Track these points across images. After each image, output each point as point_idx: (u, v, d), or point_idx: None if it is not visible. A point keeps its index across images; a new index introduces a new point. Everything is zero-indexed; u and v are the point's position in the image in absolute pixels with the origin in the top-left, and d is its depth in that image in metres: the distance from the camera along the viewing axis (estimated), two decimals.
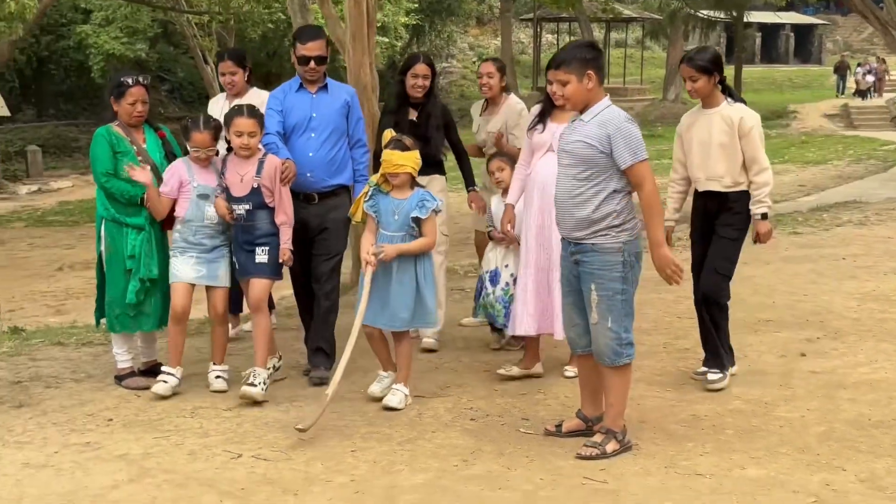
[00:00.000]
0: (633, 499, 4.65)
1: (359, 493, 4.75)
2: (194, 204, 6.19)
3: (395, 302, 5.84)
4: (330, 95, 6.57)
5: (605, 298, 5.10)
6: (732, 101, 6.14)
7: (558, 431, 5.47)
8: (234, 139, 6.13)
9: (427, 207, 5.83)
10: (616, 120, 5.04)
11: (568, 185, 5.14)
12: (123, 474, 4.98)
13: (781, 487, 4.76)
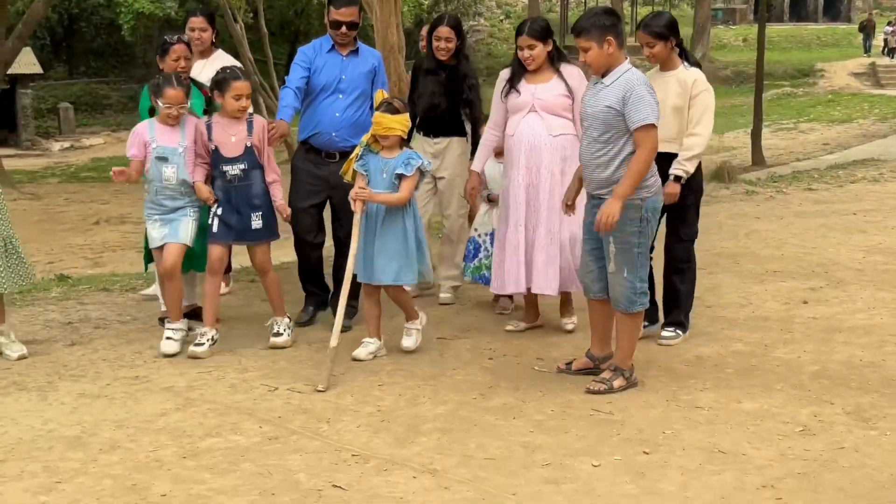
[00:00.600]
0: (636, 427, 5.08)
1: (385, 421, 5.20)
2: (154, 165, 6.27)
3: (380, 258, 6.09)
4: (360, 59, 6.79)
5: (622, 251, 5.49)
6: (689, 65, 6.30)
7: (568, 369, 5.89)
8: (233, 103, 6.23)
9: (412, 165, 6.03)
10: (635, 82, 5.37)
11: (591, 148, 5.51)
12: (171, 403, 5.45)
13: (773, 419, 5.18)
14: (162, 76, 6.39)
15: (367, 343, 6.25)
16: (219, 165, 6.31)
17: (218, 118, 6.37)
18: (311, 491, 4.39)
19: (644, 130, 5.35)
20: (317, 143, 6.74)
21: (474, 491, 4.39)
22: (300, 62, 6.75)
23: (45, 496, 4.35)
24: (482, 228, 7.17)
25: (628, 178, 5.36)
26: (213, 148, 6.31)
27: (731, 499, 4.29)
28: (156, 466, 4.65)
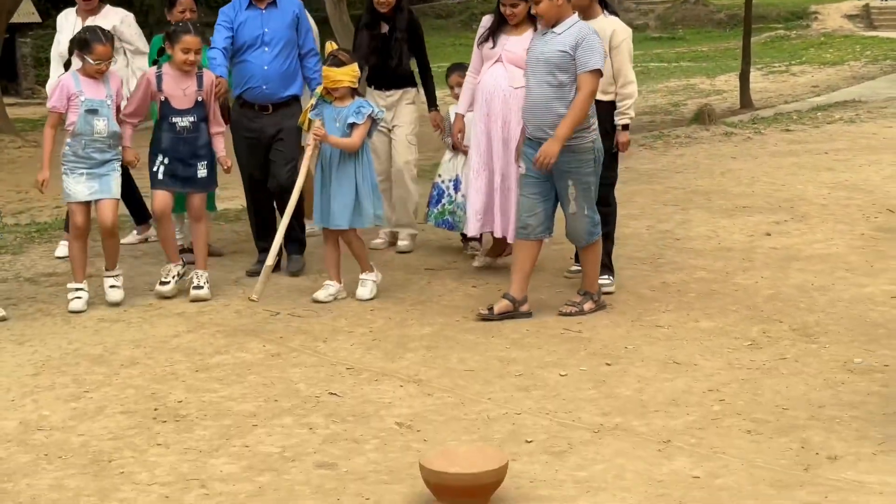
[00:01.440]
0: (601, 343, 5.66)
1: (376, 340, 5.78)
2: (83, 118, 6.26)
3: (335, 203, 6.38)
4: (279, 10, 6.90)
5: (581, 190, 5.95)
6: (608, 13, 6.52)
7: (491, 313, 6.07)
8: (181, 55, 6.40)
9: (362, 113, 6.33)
10: (586, 31, 5.85)
11: (542, 92, 5.87)
12: (182, 327, 6.02)
13: (725, 335, 5.75)
14: (180, 25, 6.63)
15: (328, 286, 6.50)
16: (168, 116, 6.49)
17: (168, 69, 6.55)
18: (309, 398, 4.97)
19: (590, 75, 5.79)
20: (249, 98, 6.89)
21: (454, 397, 4.97)
22: (222, 23, 6.86)
23: (76, 403, 4.93)
24: (446, 175, 7.36)
25: (569, 121, 5.76)
26: (164, 99, 6.49)
27: (680, 401, 4.87)
28: (172, 378, 5.23)
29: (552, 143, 5.79)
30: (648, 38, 35.35)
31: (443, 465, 3.88)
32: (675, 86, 23.48)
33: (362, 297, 6.49)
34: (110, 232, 6.43)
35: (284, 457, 4.35)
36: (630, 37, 6.51)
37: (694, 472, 4.15)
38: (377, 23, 7.44)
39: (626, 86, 6.46)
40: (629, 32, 6.51)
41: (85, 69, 6.32)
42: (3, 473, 4.22)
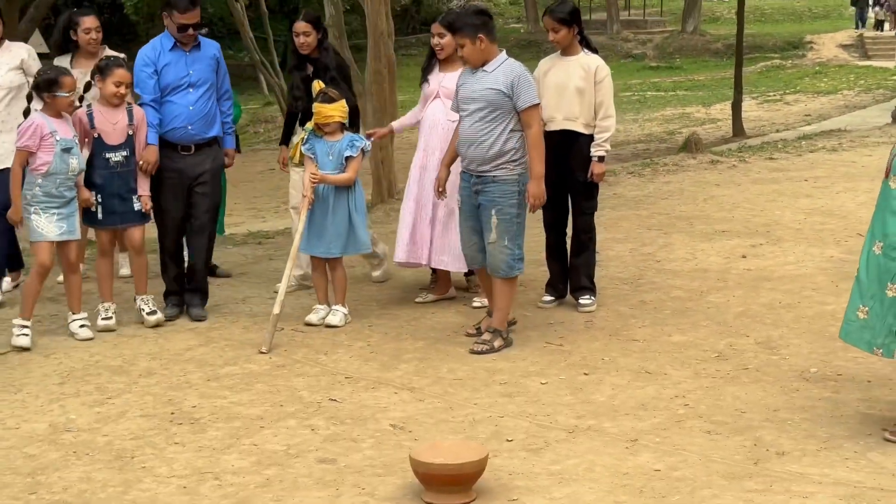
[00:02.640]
0: (580, 355, 6.16)
1: (373, 353, 6.28)
2: (59, 157, 6.31)
3: (330, 232, 6.71)
4: (202, 52, 6.99)
5: (503, 221, 6.15)
6: (589, 51, 6.92)
7: (478, 332, 6.46)
8: (112, 88, 6.50)
9: (356, 146, 6.75)
10: (519, 69, 6.14)
11: (474, 128, 6.14)
12: (195, 341, 6.53)
13: (695, 348, 6.25)
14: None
15: (318, 309, 6.85)
16: (101, 153, 6.58)
17: (98, 106, 6.66)
18: (312, 403, 5.47)
19: (532, 110, 6.12)
20: (173, 138, 6.87)
21: (443, 402, 5.47)
22: (144, 68, 6.84)
23: (99, 408, 5.43)
24: None
25: (536, 156, 6.11)
26: (97, 136, 6.57)
27: (649, 405, 5.37)
28: (186, 386, 5.73)
29: (535, 184, 6.12)
30: (646, 68, 35.97)
31: (429, 457, 4.37)
32: (670, 114, 24.05)
33: (332, 324, 6.75)
34: (75, 269, 6.59)
35: (289, 453, 4.84)
36: (610, 74, 6.94)
37: (656, 466, 4.64)
38: (303, 65, 7.49)
39: (606, 119, 6.89)
40: (609, 70, 6.95)
41: (56, 105, 6.36)
42: (37, 468, 4.72)
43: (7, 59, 7.25)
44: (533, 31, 37.37)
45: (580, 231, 7.12)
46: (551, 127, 6.86)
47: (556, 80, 6.91)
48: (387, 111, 10.51)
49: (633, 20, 42.29)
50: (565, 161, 6.89)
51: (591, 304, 7.05)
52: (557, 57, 7.02)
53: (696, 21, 39.66)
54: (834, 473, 4.53)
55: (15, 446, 4.96)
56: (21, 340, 6.38)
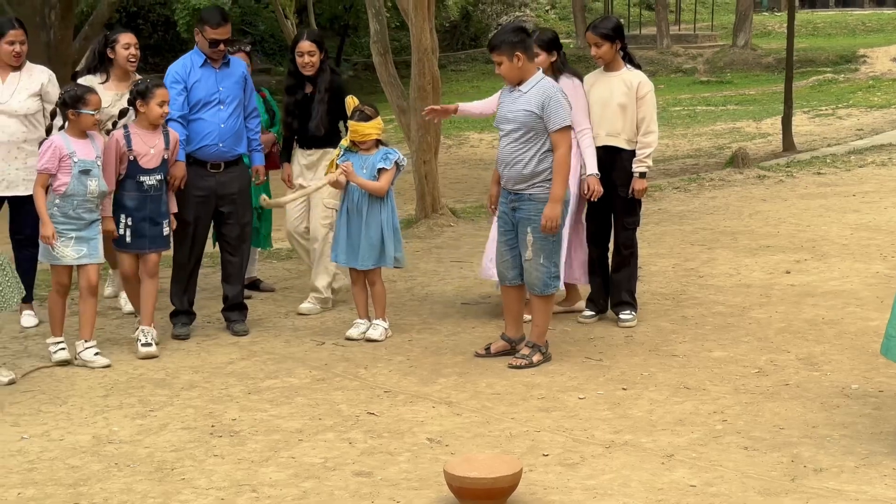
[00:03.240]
0: (619, 370, 6.16)
1: (412, 367, 6.32)
2: (76, 179, 6.23)
3: (363, 245, 6.75)
4: (231, 69, 7.05)
5: (538, 239, 6.16)
6: (632, 66, 6.96)
7: (487, 353, 6.45)
8: (157, 109, 6.49)
9: (390, 159, 6.78)
10: (552, 90, 6.14)
11: (511, 148, 6.18)
12: (236, 354, 6.61)
13: (735, 363, 6.23)
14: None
15: (358, 324, 6.89)
16: (135, 176, 6.53)
17: (135, 128, 6.58)
18: (350, 416, 5.52)
19: (562, 132, 6.10)
20: (203, 156, 6.90)
21: (481, 416, 5.49)
22: (174, 84, 6.86)
23: (142, 420, 5.51)
24: None
25: (559, 179, 6.09)
26: (132, 158, 6.51)
27: (686, 421, 5.35)
28: (227, 399, 5.80)
29: (552, 206, 6.08)
30: (697, 83, 35.75)
31: (464, 471, 4.39)
32: (721, 129, 23.89)
33: (372, 338, 6.79)
34: (94, 292, 6.45)
35: (326, 466, 4.89)
36: (653, 90, 6.96)
37: (691, 482, 4.63)
38: (302, 84, 7.50)
39: (648, 135, 6.92)
40: (652, 86, 6.97)
41: (80, 123, 6.31)
42: (80, 479, 4.80)
43: (27, 83, 7.07)
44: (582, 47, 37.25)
45: (621, 246, 7.12)
46: (595, 143, 6.93)
47: (599, 95, 6.96)
48: (430, 128, 10.55)
49: (683, 35, 42.05)
50: (608, 176, 6.93)
51: (631, 320, 7.04)
52: (601, 73, 7.06)
53: (748, 35, 39.35)
54: (872, 490, 4.50)
55: (58, 457, 5.04)
56: (60, 355, 6.38)
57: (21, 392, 5.95)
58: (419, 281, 8.42)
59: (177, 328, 7.02)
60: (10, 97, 6.99)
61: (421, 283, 8.32)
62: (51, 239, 6.25)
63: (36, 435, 5.33)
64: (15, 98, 7.00)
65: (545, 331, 6.41)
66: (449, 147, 19.39)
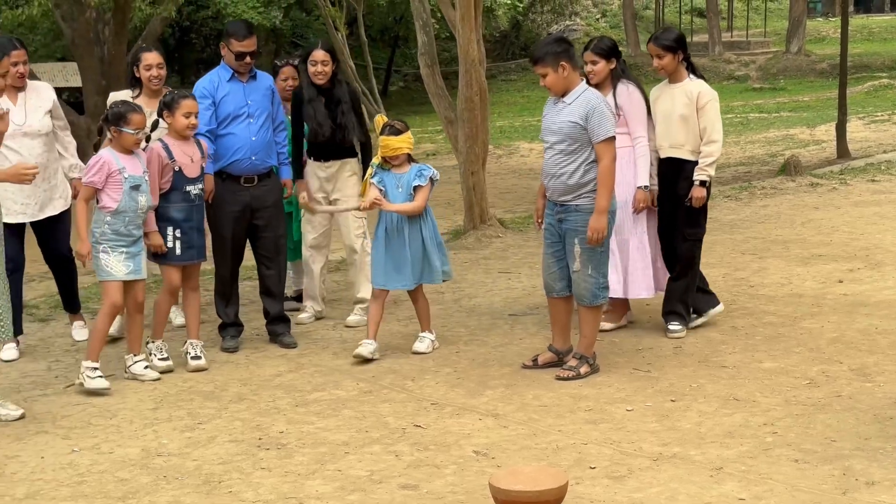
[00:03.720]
0: (668, 381, 6.11)
1: (459, 379, 6.31)
2: (127, 195, 6.22)
3: (407, 264, 6.67)
4: (258, 82, 7.05)
5: (586, 251, 6.15)
6: (695, 77, 6.95)
7: (535, 364, 6.43)
8: (183, 121, 6.51)
9: (424, 175, 6.70)
10: (595, 100, 6.12)
11: (556, 160, 6.18)
12: (284, 367, 6.64)
13: (786, 374, 6.15)
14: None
15: (366, 343, 6.67)
16: (182, 187, 6.56)
17: (170, 140, 6.61)
18: (397, 429, 5.52)
19: (606, 143, 6.07)
20: (236, 170, 6.92)
21: (528, 429, 5.47)
22: (202, 99, 6.81)
23: (190, 433, 5.55)
24: None
25: (603, 190, 6.07)
26: (178, 169, 6.56)
27: (736, 433, 5.29)
28: (274, 412, 5.82)
29: (597, 218, 6.06)
30: (749, 90, 35.45)
31: (509, 484, 4.37)
32: (774, 136, 23.65)
33: (419, 351, 6.78)
34: (141, 309, 6.46)
35: (372, 479, 4.89)
36: (716, 99, 6.92)
37: (740, 495, 4.57)
38: (316, 95, 7.47)
39: (710, 144, 6.87)
40: (715, 95, 6.92)
41: (122, 142, 6.28)
42: (128, 492, 4.84)
43: (37, 101, 7.01)
44: (634, 55, 37.15)
45: (681, 257, 7.05)
46: (661, 154, 7.00)
47: (662, 107, 6.96)
48: (478, 138, 10.55)
49: (735, 41, 41.73)
50: (672, 188, 6.94)
51: (679, 331, 6.98)
52: (665, 85, 7.06)
53: (801, 41, 38.98)
54: None
55: (108, 470, 5.09)
56: (98, 383, 6.18)
57: (72, 405, 6.02)
58: (467, 292, 8.41)
59: (225, 341, 7.06)
60: (27, 117, 6.94)
61: (468, 295, 8.32)
62: (86, 257, 6.26)
63: (86, 448, 5.38)
64: (32, 117, 6.96)
65: (593, 342, 6.38)
66: (499, 157, 19.37)
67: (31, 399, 6.14)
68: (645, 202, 6.97)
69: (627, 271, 7.08)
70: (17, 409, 5.83)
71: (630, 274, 7.08)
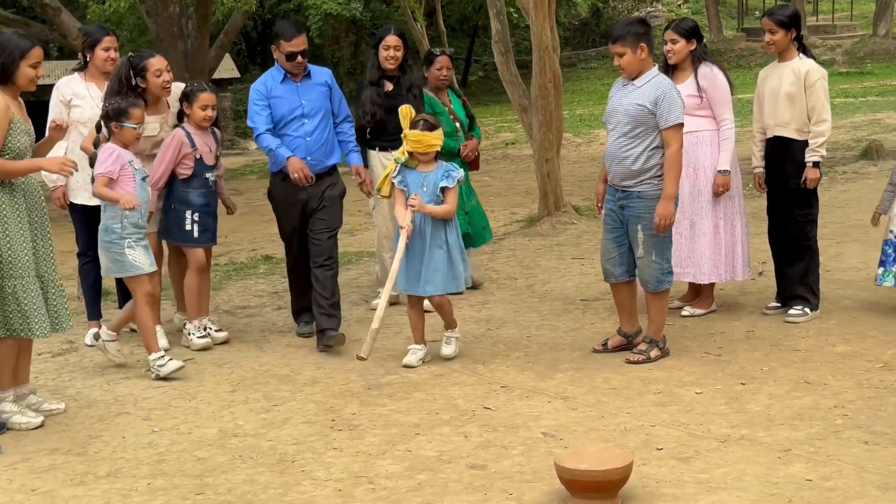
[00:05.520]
0: (738, 365, 6.10)
1: (530, 362, 6.37)
2: (140, 187, 6.29)
3: (429, 270, 6.32)
4: (313, 80, 6.94)
5: (650, 237, 6.12)
6: (804, 56, 6.87)
7: (605, 348, 6.46)
8: (200, 112, 6.73)
9: (453, 177, 6.32)
10: (666, 86, 6.09)
11: (620, 143, 6.13)
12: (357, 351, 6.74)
13: (859, 358, 6.11)
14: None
15: (416, 350, 6.46)
16: (202, 173, 6.81)
17: (191, 129, 6.82)
18: (466, 411, 5.60)
19: (674, 129, 6.02)
20: None
21: (596, 411, 5.51)
22: (257, 101, 6.81)
23: (266, 414, 5.69)
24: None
25: (671, 177, 6.02)
26: (199, 157, 6.79)
27: (805, 416, 5.28)
28: (347, 395, 5.94)
29: (665, 204, 6.01)
30: (835, 74, 34.84)
31: (574, 463, 4.42)
32: (860, 121, 23.25)
33: (447, 355, 6.49)
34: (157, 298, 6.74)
35: (441, 459, 4.97)
36: (825, 77, 6.86)
37: (808, 476, 4.57)
38: (382, 81, 7.48)
39: (820, 124, 6.82)
40: (824, 73, 6.87)
41: (123, 137, 6.26)
42: (206, 470, 4.98)
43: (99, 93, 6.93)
44: (716, 41, 36.74)
45: (795, 239, 7.00)
46: (768, 135, 6.97)
47: (770, 86, 6.94)
48: (552, 125, 10.58)
49: (821, 25, 41.01)
50: (779, 168, 6.90)
51: (799, 315, 6.89)
52: (775, 64, 7.01)
53: (889, 24, 38.18)
54: None
55: (186, 450, 5.24)
56: (170, 366, 6.28)
57: (153, 387, 6.20)
58: (540, 278, 8.47)
59: (301, 327, 7.20)
60: None
61: (541, 280, 8.37)
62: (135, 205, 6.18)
63: (166, 428, 5.54)
64: None
65: (662, 326, 6.37)
66: (578, 145, 19.34)
67: (114, 382, 6.34)
68: (725, 186, 6.95)
69: (699, 256, 7.06)
70: (37, 416, 5.67)
71: (701, 258, 7.07)
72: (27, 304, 5.49)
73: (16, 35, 5.53)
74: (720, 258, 7.07)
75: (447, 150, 7.58)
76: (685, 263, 7.07)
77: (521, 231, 10.73)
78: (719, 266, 7.08)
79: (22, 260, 5.47)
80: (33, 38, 5.54)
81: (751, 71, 31.34)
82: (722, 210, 7.05)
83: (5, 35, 5.56)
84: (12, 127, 5.43)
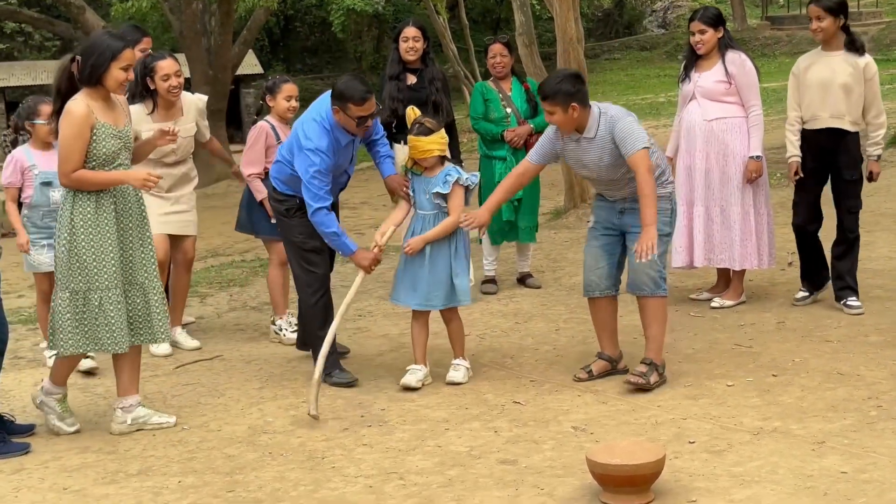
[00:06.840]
0: (770, 357, 6.05)
1: (559, 356, 6.35)
2: (38, 191, 6.39)
3: (428, 283, 5.92)
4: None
5: None
6: (855, 46, 6.69)
7: (591, 376, 5.89)
8: (284, 104, 6.78)
9: (448, 182, 5.83)
10: (613, 118, 5.56)
11: (602, 177, 5.72)
12: (386, 346, 6.78)
13: (892, 348, 6.07)
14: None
15: (415, 370, 6.00)
16: None
17: (275, 121, 6.83)
18: (496, 405, 5.57)
19: (639, 154, 5.46)
20: None
21: (627, 404, 5.47)
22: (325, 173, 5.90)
23: (294, 411, 5.68)
24: None
25: (649, 205, 5.42)
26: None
27: (839, 407, 5.23)
28: (376, 390, 5.93)
29: (648, 231, 5.43)
30: None
31: (606, 458, 4.39)
32: (888, 109, 23.02)
33: (454, 381, 5.98)
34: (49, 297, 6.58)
35: (472, 454, 4.95)
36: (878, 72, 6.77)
37: (842, 469, 4.52)
38: (404, 74, 7.41)
39: (879, 116, 6.77)
40: (877, 68, 6.78)
41: (37, 134, 6.44)
42: (236, 467, 4.98)
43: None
44: (740, 30, 36.51)
45: (847, 231, 6.94)
46: (816, 125, 6.80)
47: (819, 76, 6.78)
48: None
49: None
50: (833, 160, 6.82)
51: (859, 307, 6.79)
52: (818, 52, 6.87)
53: None
54: None
55: (216, 447, 5.24)
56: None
57: (182, 385, 6.21)
58: (567, 271, 8.42)
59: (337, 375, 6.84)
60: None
61: (568, 273, 8.32)
62: (25, 246, 6.48)
63: (195, 426, 5.54)
64: None
65: (662, 345, 5.82)
66: None
67: (143, 380, 6.30)
68: (757, 172, 6.92)
69: (731, 242, 7.01)
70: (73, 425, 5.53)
71: (732, 245, 7.02)
72: (114, 317, 5.31)
73: (108, 35, 5.32)
74: (751, 245, 7.03)
75: (491, 137, 7.60)
76: (719, 249, 7.05)
77: (547, 224, 10.68)
78: (751, 253, 7.04)
79: (109, 271, 5.30)
80: (126, 40, 5.32)
81: (775, 59, 31.17)
82: (751, 197, 7.01)
83: (97, 35, 5.43)
84: (96, 132, 5.21)
